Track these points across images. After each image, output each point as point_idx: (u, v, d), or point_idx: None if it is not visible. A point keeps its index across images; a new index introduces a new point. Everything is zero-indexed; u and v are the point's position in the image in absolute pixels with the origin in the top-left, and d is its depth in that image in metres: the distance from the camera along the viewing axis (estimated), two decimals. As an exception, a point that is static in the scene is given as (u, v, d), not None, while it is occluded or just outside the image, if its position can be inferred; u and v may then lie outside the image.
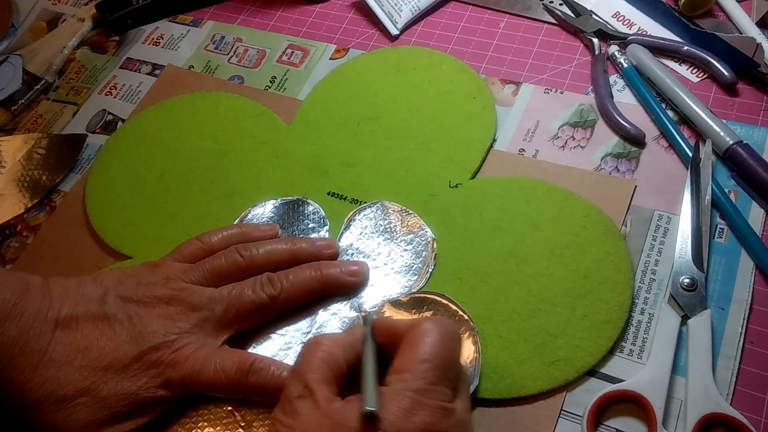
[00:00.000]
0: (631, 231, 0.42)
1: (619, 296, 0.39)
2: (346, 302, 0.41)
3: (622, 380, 0.37)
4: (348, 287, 0.40)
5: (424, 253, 0.42)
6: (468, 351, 0.37)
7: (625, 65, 0.49)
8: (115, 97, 0.57)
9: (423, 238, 0.43)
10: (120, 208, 0.49)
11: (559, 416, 0.36)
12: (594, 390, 0.37)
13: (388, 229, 0.43)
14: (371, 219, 0.44)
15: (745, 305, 0.38)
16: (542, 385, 0.37)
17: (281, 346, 0.39)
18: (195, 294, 0.38)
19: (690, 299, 0.38)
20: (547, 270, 0.40)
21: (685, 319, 0.38)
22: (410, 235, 0.43)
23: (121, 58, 0.60)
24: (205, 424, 0.37)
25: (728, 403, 0.35)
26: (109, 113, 0.56)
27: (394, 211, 0.44)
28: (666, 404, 0.35)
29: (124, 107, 0.56)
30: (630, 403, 0.36)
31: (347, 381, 0.32)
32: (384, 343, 0.33)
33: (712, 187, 0.41)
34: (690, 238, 0.40)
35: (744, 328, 0.37)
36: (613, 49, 0.50)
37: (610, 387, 0.36)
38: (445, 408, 0.29)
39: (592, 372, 0.37)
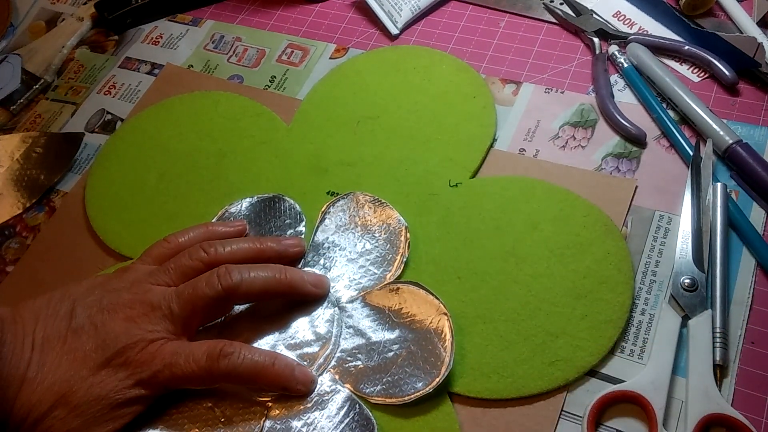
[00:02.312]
0: (631, 231, 0.42)
1: (620, 296, 0.39)
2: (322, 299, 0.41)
3: (622, 381, 0.37)
4: (309, 296, 0.40)
5: (397, 242, 0.42)
6: (446, 335, 0.37)
7: (625, 65, 0.49)
8: (114, 96, 0.57)
9: (396, 228, 0.43)
10: (120, 208, 0.49)
11: (559, 417, 0.36)
12: (594, 390, 0.36)
13: (362, 221, 0.43)
14: (345, 211, 0.44)
15: (745, 306, 0.38)
16: (542, 385, 0.37)
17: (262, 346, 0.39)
18: (157, 293, 0.38)
19: (691, 299, 0.38)
20: (547, 270, 0.40)
21: (685, 319, 0.38)
22: (383, 225, 0.43)
23: (120, 57, 0.60)
24: (186, 420, 0.37)
25: (729, 403, 0.35)
26: (108, 113, 0.56)
27: (366, 201, 0.44)
28: (666, 405, 0.35)
29: (123, 107, 0.56)
30: (630, 403, 0.35)
31: None
32: None
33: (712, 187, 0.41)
34: (690, 238, 0.40)
35: (744, 328, 0.37)
36: (613, 48, 0.50)
37: (611, 387, 0.36)
38: None
39: (593, 372, 0.37)
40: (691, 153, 0.43)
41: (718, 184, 0.41)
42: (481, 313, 0.39)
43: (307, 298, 0.40)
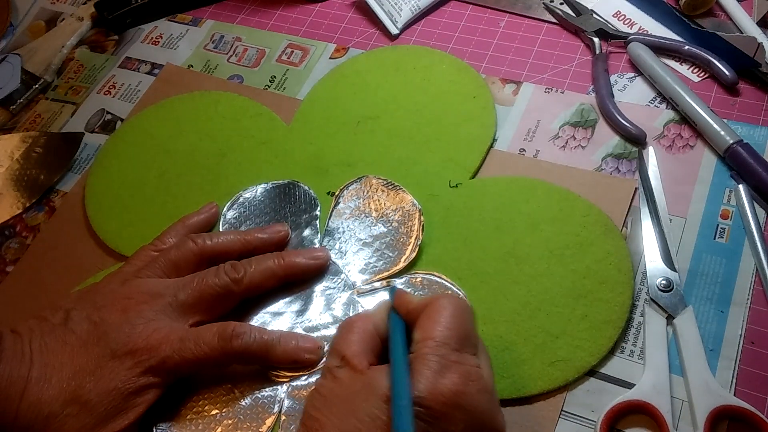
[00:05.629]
0: (631, 232, 0.42)
1: (620, 296, 0.39)
2: (339, 281, 0.41)
3: (622, 380, 0.37)
4: (310, 270, 0.41)
5: (411, 225, 0.43)
6: None
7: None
8: (114, 96, 0.57)
9: (409, 211, 0.43)
10: (120, 208, 0.49)
11: (559, 417, 0.36)
12: (594, 390, 0.37)
13: (375, 204, 0.44)
14: (358, 195, 0.45)
15: (745, 306, 0.38)
16: (542, 385, 0.37)
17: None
18: (156, 284, 0.39)
19: (670, 299, 0.38)
20: (547, 270, 0.40)
21: (670, 319, 0.38)
22: (397, 209, 0.43)
23: (120, 57, 0.60)
24: (206, 402, 0.38)
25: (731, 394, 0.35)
26: (108, 113, 0.56)
27: (380, 185, 0.45)
28: (672, 406, 0.35)
29: (123, 107, 0.56)
30: (638, 413, 0.35)
31: (384, 352, 0.33)
32: (403, 316, 0.34)
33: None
34: (656, 240, 0.40)
35: (744, 328, 0.37)
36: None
37: (616, 400, 0.35)
38: (471, 372, 0.30)
39: (592, 372, 0.37)
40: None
41: (740, 186, 0.41)
42: (482, 313, 0.39)
43: (310, 273, 0.41)
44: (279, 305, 0.41)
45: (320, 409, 0.31)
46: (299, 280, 0.42)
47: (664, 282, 0.39)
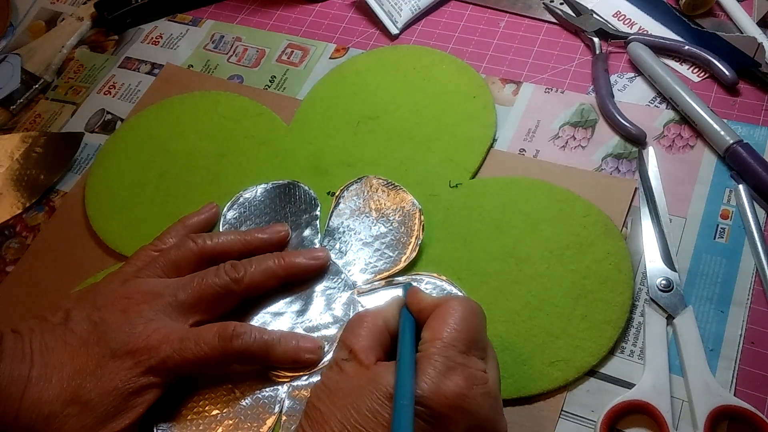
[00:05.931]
0: (631, 232, 0.42)
1: (620, 296, 0.39)
2: (339, 281, 0.41)
3: (622, 380, 0.37)
4: (310, 270, 0.41)
5: (411, 225, 0.43)
6: None
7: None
8: (114, 96, 0.57)
9: (410, 211, 0.43)
10: (120, 208, 0.49)
11: (559, 417, 0.36)
12: (594, 390, 0.37)
13: (376, 204, 0.44)
14: (358, 195, 0.45)
15: (745, 306, 0.38)
16: (542, 385, 0.37)
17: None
18: (156, 284, 0.39)
19: (670, 299, 0.38)
20: (547, 270, 0.40)
21: (670, 319, 0.38)
22: (397, 209, 0.43)
23: (120, 57, 0.60)
24: (207, 402, 0.38)
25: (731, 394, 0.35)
26: (108, 113, 0.56)
27: (380, 185, 0.45)
28: (672, 406, 0.35)
29: (123, 107, 0.56)
30: (638, 413, 0.35)
31: (393, 348, 0.33)
32: (414, 314, 0.34)
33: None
34: (656, 240, 0.40)
35: (744, 328, 0.37)
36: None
37: (616, 400, 0.35)
38: (476, 375, 0.30)
39: (592, 372, 0.37)
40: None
41: (740, 186, 0.41)
42: (481, 313, 0.39)
43: (311, 273, 0.41)
44: (279, 305, 0.41)
45: (323, 401, 0.31)
46: (299, 281, 0.42)
47: (664, 282, 0.39)
